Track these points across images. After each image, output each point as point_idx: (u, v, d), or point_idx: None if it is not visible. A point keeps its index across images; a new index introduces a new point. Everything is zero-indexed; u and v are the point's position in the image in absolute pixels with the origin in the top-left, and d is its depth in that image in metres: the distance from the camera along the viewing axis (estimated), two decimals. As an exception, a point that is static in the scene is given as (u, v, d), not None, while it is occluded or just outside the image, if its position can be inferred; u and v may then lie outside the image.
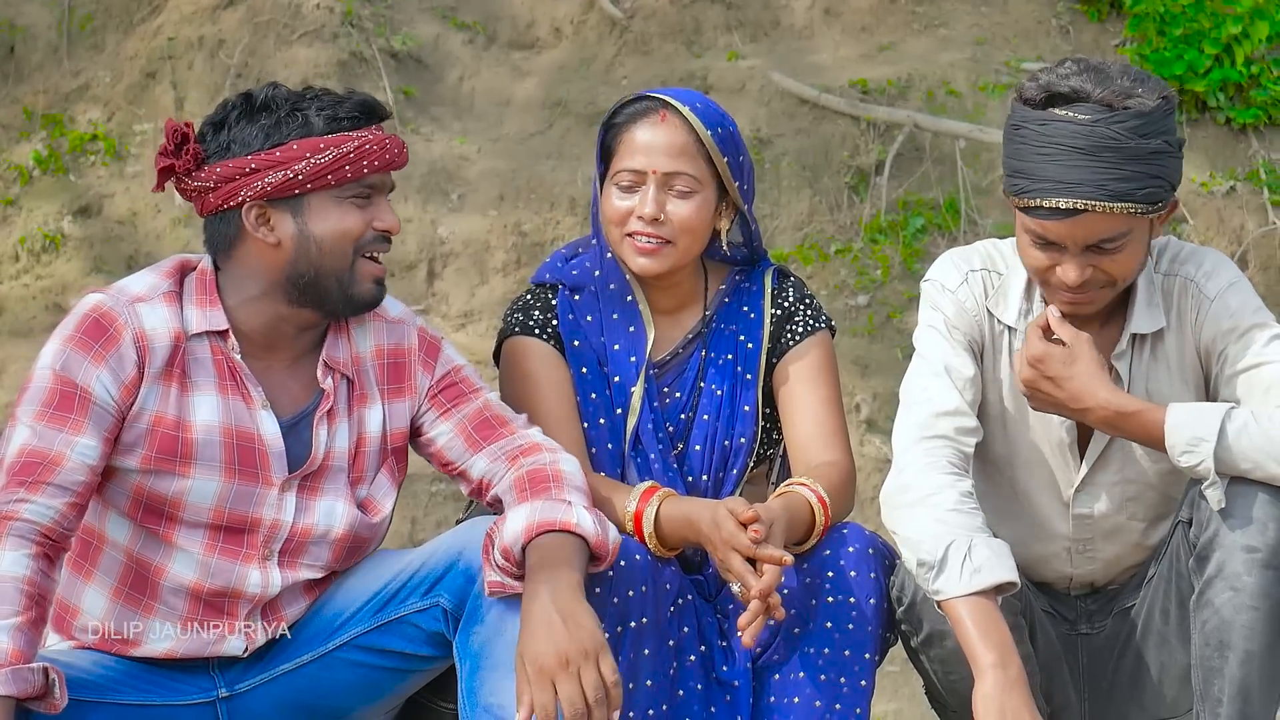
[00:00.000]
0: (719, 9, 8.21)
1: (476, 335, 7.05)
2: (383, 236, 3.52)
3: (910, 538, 3.51)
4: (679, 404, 3.86)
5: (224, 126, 3.48)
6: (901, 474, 3.61)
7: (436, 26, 8.11)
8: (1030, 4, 8.30)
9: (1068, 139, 3.49)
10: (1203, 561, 3.49)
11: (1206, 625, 3.48)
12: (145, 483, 3.44)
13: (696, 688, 3.64)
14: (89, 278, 7.20)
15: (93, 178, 7.60)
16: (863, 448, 6.66)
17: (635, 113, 3.79)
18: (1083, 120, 3.48)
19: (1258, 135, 7.77)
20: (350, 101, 3.50)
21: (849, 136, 7.68)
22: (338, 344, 3.58)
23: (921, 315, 3.78)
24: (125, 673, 3.50)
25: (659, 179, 3.75)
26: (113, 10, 8.04)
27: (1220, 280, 3.66)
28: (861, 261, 7.36)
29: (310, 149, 3.44)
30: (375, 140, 3.48)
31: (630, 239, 3.77)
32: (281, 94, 3.49)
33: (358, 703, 3.60)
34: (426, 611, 3.50)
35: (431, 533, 6.30)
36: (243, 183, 3.44)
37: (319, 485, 3.54)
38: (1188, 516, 3.56)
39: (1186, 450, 3.48)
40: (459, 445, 3.62)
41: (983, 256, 3.77)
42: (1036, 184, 3.50)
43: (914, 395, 3.69)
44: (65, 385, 3.38)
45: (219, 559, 3.48)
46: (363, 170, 3.46)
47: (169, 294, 3.48)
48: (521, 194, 7.53)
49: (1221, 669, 3.46)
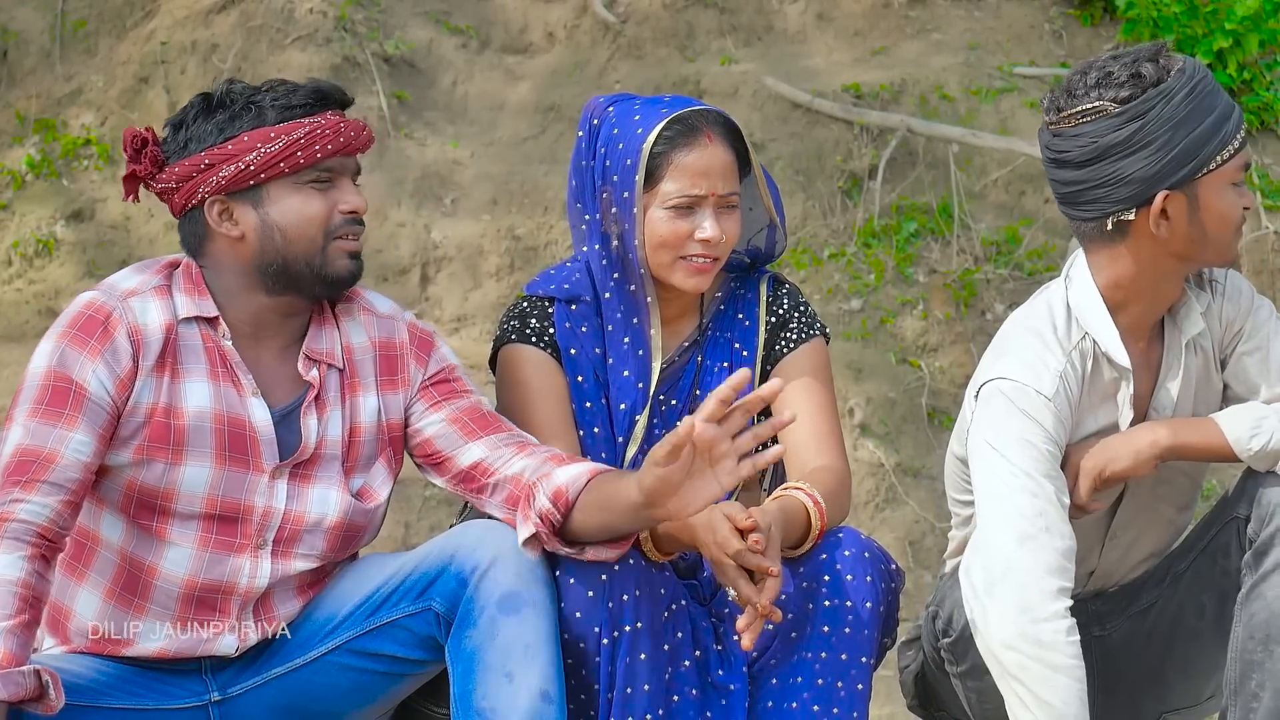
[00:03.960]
0: (712, 13, 8.22)
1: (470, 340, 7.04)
2: (352, 219, 3.53)
3: (1056, 706, 3.43)
4: (675, 411, 3.85)
5: (182, 126, 3.51)
6: (1041, 624, 3.47)
7: (430, 31, 8.11)
8: (1023, 9, 8.31)
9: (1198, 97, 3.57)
10: (1260, 556, 3.51)
11: (1255, 618, 3.48)
12: (138, 476, 3.44)
13: (692, 693, 3.64)
14: (82, 282, 7.20)
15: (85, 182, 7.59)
16: (856, 452, 6.65)
17: (680, 134, 3.74)
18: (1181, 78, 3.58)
19: (1250, 140, 7.78)
20: (304, 89, 3.52)
21: (842, 141, 7.69)
22: (320, 336, 3.58)
23: (1008, 420, 3.60)
24: (118, 676, 3.50)
25: (715, 200, 3.75)
26: (105, 15, 8.04)
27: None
28: (855, 266, 7.36)
29: (261, 139, 3.45)
30: (328, 124, 3.49)
31: (685, 261, 3.76)
32: (237, 89, 3.52)
33: (349, 706, 3.59)
34: (419, 615, 3.50)
35: (425, 537, 6.30)
36: (200, 179, 3.47)
37: (311, 473, 3.54)
38: (1246, 513, 3.57)
39: (1254, 433, 3.51)
40: (452, 434, 3.61)
41: (1059, 342, 3.65)
42: (1223, 129, 3.58)
43: (1029, 515, 3.53)
44: (60, 381, 3.38)
45: (213, 552, 3.48)
46: (315, 155, 3.47)
47: (159, 288, 3.50)
48: (515, 198, 7.53)
49: (1264, 663, 3.47)
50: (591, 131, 3.84)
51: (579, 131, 3.86)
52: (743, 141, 3.81)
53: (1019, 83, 7.92)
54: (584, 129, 3.85)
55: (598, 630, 3.54)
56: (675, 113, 3.75)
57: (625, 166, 3.75)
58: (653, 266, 3.78)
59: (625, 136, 3.76)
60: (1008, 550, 3.51)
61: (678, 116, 3.75)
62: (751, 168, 3.85)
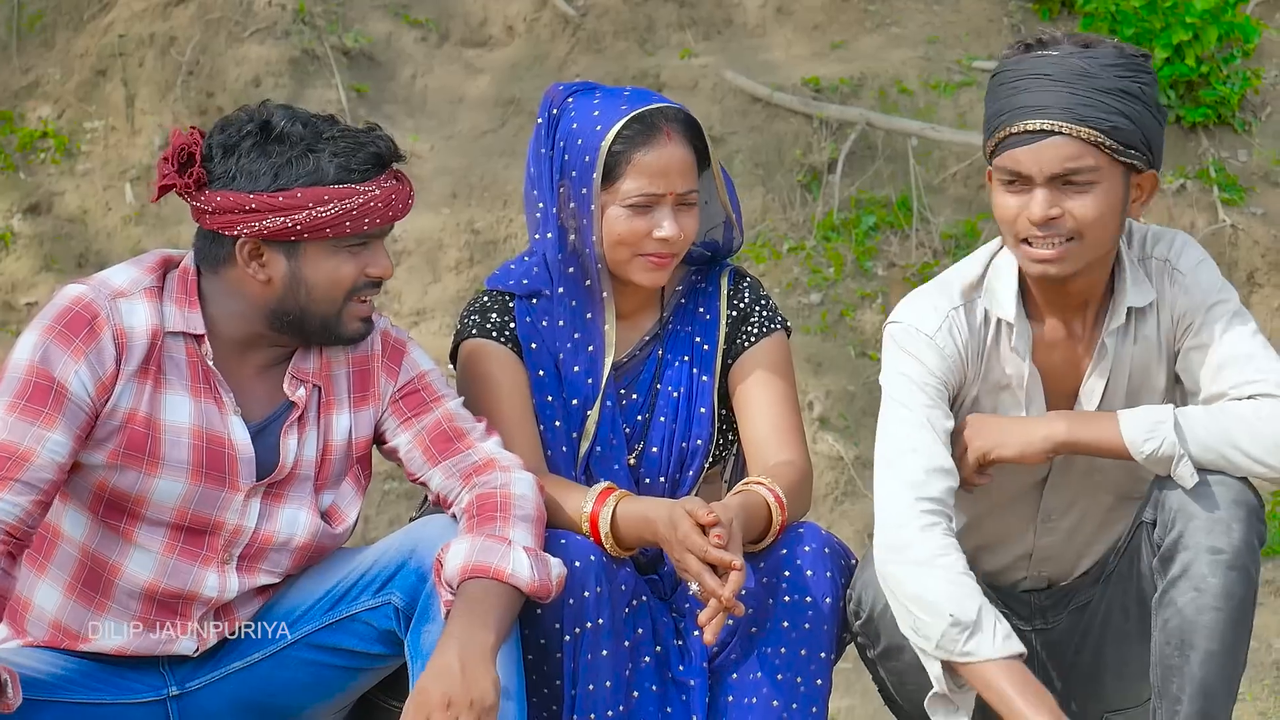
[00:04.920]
0: (672, 7, 8.21)
1: (430, 333, 7.03)
2: (374, 282, 3.49)
3: (925, 597, 3.48)
4: (636, 405, 3.85)
5: (234, 153, 3.40)
6: (900, 530, 3.56)
7: (389, 24, 8.09)
8: (982, 2, 8.32)
9: (1041, 69, 3.51)
10: (1167, 562, 3.51)
11: (1168, 624, 3.49)
12: (110, 478, 3.42)
13: (652, 688, 3.64)
14: (39, 275, 7.16)
15: (43, 175, 7.55)
16: (816, 445, 6.66)
17: (640, 133, 3.72)
18: (1054, 55, 3.52)
19: (1208, 134, 7.81)
20: (365, 151, 3.43)
21: (801, 134, 7.69)
22: (307, 356, 3.55)
23: (893, 360, 3.69)
24: (76, 671, 3.48)
25: (674, 199, 3.74)
26: (63, 7, 7.99)
27: (1190, 257, 3.68)
28: (814, 260, 7.37)
29: (314, 199, 3.38)
30: (381, 196, 3.43)
31: (642, 257, 3.75)
32: (298, 131, 3.40)
33: (309, 701, 3.59)
34: (378, 609, 3.49)
35: (384, 531, 6.29)
36: (241, 218, 3.38)
37: (284, 493, 3.52)
38: (1151, 518, 3.57)
39: (1148, 437, 3.50)
40: (418, 457, 3.61)
41: (960, 290, 3.71)
42: (1006, 114, 3.52)
43: (901, 444, 3.63)
44: (42, 378, 3.34)
45: (178, 560, 3.47)
46: (363, 226, 3.42)
47: (150, 290, 3.44)
48: (474, 192, 7.52)
49: (1182, 667, 3.48)
50: (551, 120, 3.81)
51: (538, 118, 3.84)
52: (702, 138, 3.80)
53: (978, 76, 7.94)
54: (543, 116, 3.83)
55: (559, 626, 3.54)
56: (634, 110, 3.73)
57: (584, 163, 3.73)
58: (610, 263, 3.77)
59: (584, 132, 3.74)
60: (881, 476, 3.62)
61: (637, 115, 3.74)
62: (709, 161, 3.84)
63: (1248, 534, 3.48)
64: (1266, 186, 7.72)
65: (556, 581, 3.44)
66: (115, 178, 7.49)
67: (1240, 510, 3.48)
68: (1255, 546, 3.50)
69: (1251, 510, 3.50)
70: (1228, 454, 3.50)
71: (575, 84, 3.87)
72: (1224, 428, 3.51)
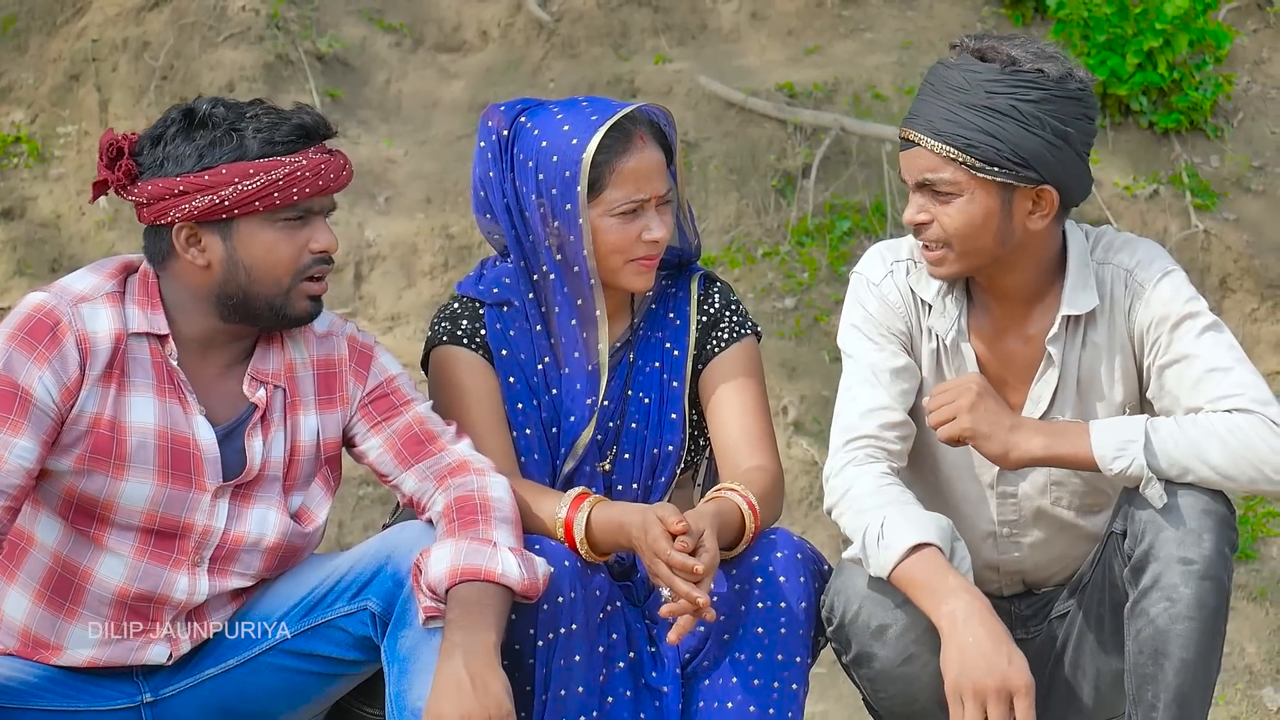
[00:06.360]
0: (646, 12, 8.22)
1: (404, 338, 7.02)
2: (322, 257, 3.49)
3: (844, 538, 3.57)
4: (607, 412, 3.85)
5: (161, 142, 3.43)
6: (828, 481, 3.66)
7: (363, 29, 8.08)
8: (955, 8, 8.34)
9: (931, 78, 3.61)
10: (1138, 573, 3.51)
11: (1141, 634, 3.50)
12: (78, 483, 3.42)
13: (625, 694, 3.64)
14: (12, 280, 7.14)
15: (16, 180, 7.53)
16: (790, 450, 6.66)
17: (617, 141, 3.72)
18: (952, 65, 3.59)
19: (1180, 139, 7.83)
20: (289, 124, 3.44)
21: (776, 140, 7.70)
22: (267, 356, 3.55)
23: (846, 313, 3.80)
24: (48, 679, 3.48)
25: (656, 200, 3.75)
26: (36, 11, 7.97)
27: (1154, 269, 3.66)
28: (789, 265, 7.38)
29: (239, 174, 3.39)
30: (309, 165, 3.43)
31: (633, 262, 3.75)
32: (220, 112, 3.43)
33: (284, 707, 3.58)
34: (354, 615, 3.49)
35: (359, 536, 6.28)
36: (171, 203, 3.40)
37: (252, 494, 3.52)
38: (1121, 528, 3.57)
39: (1117, 455, 3.50)
40: (389, 460, 3.62)
41: (910, 246, 3.79)
42: (905, 117, 3.62)
43: (843, 396, 3.73)
44: (6, 385, 3.34)
45: (148, 563, 3.47)
46: (292, 197, 3.42)
47: (112, 294, 3.45)
48: (449, 197, 7.51)
49: (1157, 676, 3.49)
50: (502, 142, 3.78)
51: (480, 141, 3.81)
52: (664, 136, 3.81)
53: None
54: (486, 139, 3.80)
55: (533, 632, 3.54)
56: (606, 119, 3.73)
57: (564, 179, 3.71)
58: (603, 271, 3.76)
59: (558, 148, 3.72)
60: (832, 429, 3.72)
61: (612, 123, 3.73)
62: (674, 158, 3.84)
63: (1219, 543, 3.48)
64: (1239, 192, 7.74)
65: (543, 580, 3.45)
66: (89, 183, 7.47)
67: (1210, 520, 3.49)
68: (1227, 555, 3.50)
69: (1221, 519, 3.50)
70: (1197, 469, 3.50)
71: (516, 102, 3.85)
72: (1194, 441, 3.51)
